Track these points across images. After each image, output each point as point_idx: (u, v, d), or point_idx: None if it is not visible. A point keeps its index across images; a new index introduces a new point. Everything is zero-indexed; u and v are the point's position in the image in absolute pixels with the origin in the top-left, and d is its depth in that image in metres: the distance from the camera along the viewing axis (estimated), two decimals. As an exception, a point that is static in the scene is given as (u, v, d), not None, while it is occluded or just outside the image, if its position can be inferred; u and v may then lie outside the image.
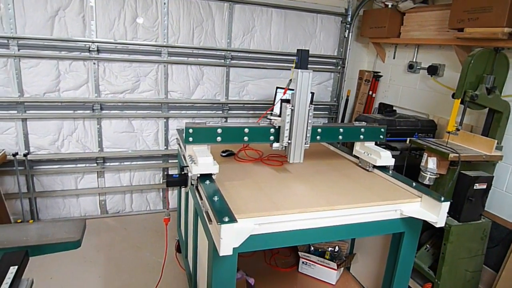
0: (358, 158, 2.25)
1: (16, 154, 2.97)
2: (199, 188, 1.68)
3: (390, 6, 3.49)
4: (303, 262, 2.53)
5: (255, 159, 2.25)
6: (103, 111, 3.27)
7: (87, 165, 3.36)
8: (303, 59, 1.83)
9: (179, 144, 2.48)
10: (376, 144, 2.23)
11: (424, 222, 1.79)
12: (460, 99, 2.35)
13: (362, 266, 2.49)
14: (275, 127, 1.91)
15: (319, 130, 2.01)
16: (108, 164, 3.43)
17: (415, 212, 1.74)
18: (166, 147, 3.59)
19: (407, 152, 2.73)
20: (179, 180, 1.75)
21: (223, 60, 3.55)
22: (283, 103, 1.87)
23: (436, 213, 1.69)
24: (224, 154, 2.28)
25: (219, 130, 1.82)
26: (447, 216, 1.71)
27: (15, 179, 3.09)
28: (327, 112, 4.23)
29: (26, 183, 3.17)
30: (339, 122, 4.25)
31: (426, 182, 2.38)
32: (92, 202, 3.47)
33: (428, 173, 2.38)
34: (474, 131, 2.79)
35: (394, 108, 3.68)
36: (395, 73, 3.81)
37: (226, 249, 1.32)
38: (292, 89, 1.86)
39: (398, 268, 1.91)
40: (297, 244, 1.66)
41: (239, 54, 3.60)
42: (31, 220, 3.23)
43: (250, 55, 3.65)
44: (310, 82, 1.83)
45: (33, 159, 3.14)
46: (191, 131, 1.77)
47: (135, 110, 3.38)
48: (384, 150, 2.11)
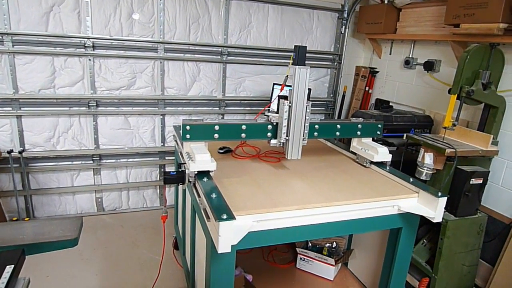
0: (355, 154, 2.25)
1: (11, 151, 2.95)
2: (197, 185, 1.68)
3: (386, 2, 3.50)
4: (301, 258, 2.54)
5: (252, 155, 2.25)
6: (99, 108, 3.24)
7: (83, 162, 3.34)
8: (300, 56, 1.82)
9: (176, 141, 2.47)
10: (373, 140, 2.24)
11: (421, 217, 1.80)
12: (456, 95, 2.36)
13: (359, 262, 2.50)
14: (272, 123, 1.91)
15: (317, 126, 2.01)
16: (104, 161, 3.41)
17: (413, 208, 1.75)
18: (162, 144, 3.57)
19: (404, 147, 2.74)
20: (176, 178, 1.75)
21: (219, 57, 3.53)
22: (280, 100, 1.87)
23: (433, 208, 1.70)
24: (221, 151, 2.28)
25: (217, 127, 1.81)
26: (443, 211, 1.72)
27: (10, 176, 3.06)
28: (324, 108, 4.24)
29: (22, 180, 3.15)
30: (336, 118, 4.25)
31: (423, 177, 2.39)
32: (88, 199, 3.46)
33: (425, 168, 2.40)
34: (470, 126, 2.80)
35: (391, 104, 3.68)
36: (392, 69, 3.81)
37: (224, 246, 1.32)
38: (289, 85, 1.86)
39: (395, 263, 1.92)
40: (295, 240, 1.67)
41: (235, 50, 3.59)
42: (26, 218, 3.21)
43: (246, 51, 3.63)
44: (308, 78, 1.83)
45: (28, 156, 3.11)
46: (188, 128, 1.76)
47: (131, 106, 3.36)
48: (381, 146, 2.12)
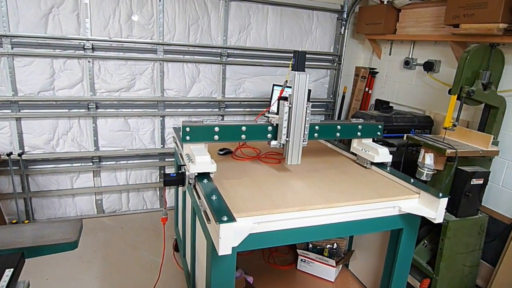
0: (355, 155, 2.25)
1: (11, 153, 2.94)
2: (197, 187, 1.67)
3: (385, 3, 3.50)
4: (301, 260, 2.53)
5: (252, 157, 2.24)
6: (99, 110, 3.24)
7: (83, 164, 3.34)
8: (300, 61, 1.82)
9: (176, 142, 2.46)
10: (373, 140, 2.23)
11: (422, 218, 1.79)
12: (456, 95, 2.35)
13: (360, 263, 2.50)
14: (272, 125, 1.90)
15: (317, 127, 2.01)
16: (104, 163, 3.40)
17: (414, 209, 1.74)
18: (162, 146, 3.57)
19: (404, 148, 2.73)
20: (176, 179, 1.74)
21: (219, 58, 3.53)
22: (280, 101, 1.86)
23: (434, 209, 1.70)
24: (221, 153, 2.27)
25: (217, 129, 1.81)
26: (444, 212, 1.71)
27: (9, 179, 3.05)
28: (324, 109, 4.23)
29: (21, 183, 3.14)
30: (336, 119, 4.25)
31: (424, 178, 2.39)
32: (88, 201, 3.45)
33: (426, 169, 2.39)
34: (470, 126, 2.80)
35: (391, 105, 3.68)
36: (391, 69, 3.81)
37: (225, 248, 1.32)
38: (289, 86, 1.85)
39: (396, 264, 1.91)
40: (296, 242, 1.67)
41: (235, 52, 3.58)
42: (26, 221, 3.20)
43: (246, 52, 3.63)
44: (307, 83, 1.82)
45: (28, 159, 3.11)
46: (188, 129, 1.75)
47: (131, 108, 3.35)
48: (382, 146, 2.11)
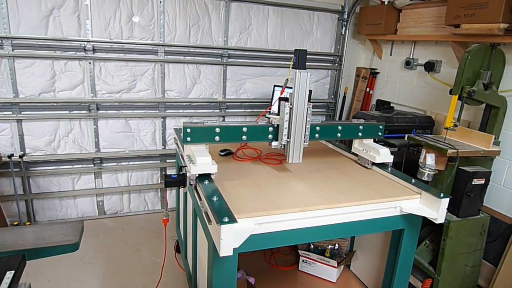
0: (356, 155, 2.24)
1: (12, 155, 2.94)
2: (198, 188, 1.67)
3: (386, 3, 3.49)
4: (303, 261, 2.53)
5: (253, 158, 2.24)
6: (100, 111, 3.24)
7: (84, 165, 3.34)
8: (300, 59, 1.81)
9: (177, 143, 2.46)
10: (374, 141, 2.23)
11: (423, 218, 1.79)
12: (457, 95, 2.35)
13: (362, 264, 2.49)
14: (273, 125, 1.90)
15: (318, 128, 2.01)
16: (105, 164, 3.41)
17: (415, 209, 1.74)
18: (163, 147, 3.57)
19: (405, 148, 2.73)
20: (177, 181, 1.74)
21: (220, 59, 3.53)
22: (281, 102, 1.86)
23: (435, 209, 1.69)
24: (222, 154, 2.27)
25: (217, 130, 1.81)
26: (446, 212, 1.71)
27: (10, 181, 3.05)
28: (325, 110, 4.23)
29: (22, 184, 3.14)
30: (337, 119, 4.24)
31: (425, 178, 2.38)
32: (89, 203, 3.45)
33: (427, 169, 2.38)
34: (471, 126, 2.79)
35: (392, 105, 3.68)
36: (392, 69, 3.81)
37: (226, 249, 1.32)
38: (290, 87, 1.85)
39: (398, 264, 1.91)
40: (297, 243, 1.66)
41: (236, 53, 3.58)
42: (27, 222, 3.20)
43: (247, 53, 3.63)
44: (308, 82, 1.82)
45: (29, 161, 3.11)
46: (189, 130, 1.75)
47: (132, 109, 3.36)
48: (383, 147, 2.11)
